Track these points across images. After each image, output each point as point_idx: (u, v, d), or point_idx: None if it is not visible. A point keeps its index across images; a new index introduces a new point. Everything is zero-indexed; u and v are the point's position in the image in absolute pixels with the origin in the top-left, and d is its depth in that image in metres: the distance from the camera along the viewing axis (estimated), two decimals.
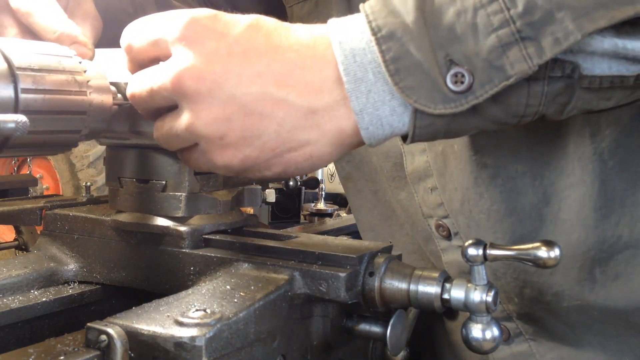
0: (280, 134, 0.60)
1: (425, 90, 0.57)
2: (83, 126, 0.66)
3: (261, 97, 0.59)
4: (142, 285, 0.75)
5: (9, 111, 0.56)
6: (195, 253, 0.72)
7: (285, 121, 0.59)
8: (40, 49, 0.62)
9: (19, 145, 0.60)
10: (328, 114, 0.60)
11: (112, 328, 0.55)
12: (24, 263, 0.75)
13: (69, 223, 0.79)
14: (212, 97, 0.59)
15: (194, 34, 0.60)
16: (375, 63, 0.58)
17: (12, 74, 0.56)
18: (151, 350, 0.55)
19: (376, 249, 0.70)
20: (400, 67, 0.57)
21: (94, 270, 0.77)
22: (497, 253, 0.63)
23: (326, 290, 0.65)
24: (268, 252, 0.71)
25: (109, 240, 0.77)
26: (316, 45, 0.60)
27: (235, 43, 0.60)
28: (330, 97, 0.60)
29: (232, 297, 0.62)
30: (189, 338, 0.54)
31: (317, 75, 0.60)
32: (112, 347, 0.55)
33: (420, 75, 0.56)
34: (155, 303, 0.61)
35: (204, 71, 0.59)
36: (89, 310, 0.77)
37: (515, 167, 0.79)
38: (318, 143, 0.61)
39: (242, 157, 0.61)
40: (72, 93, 0.63)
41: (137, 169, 0.76)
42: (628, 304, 0.76)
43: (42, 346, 0.56)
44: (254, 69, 0.59)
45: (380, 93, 0.58)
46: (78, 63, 0.66)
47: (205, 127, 0.60)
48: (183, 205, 0.74)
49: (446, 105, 0.57)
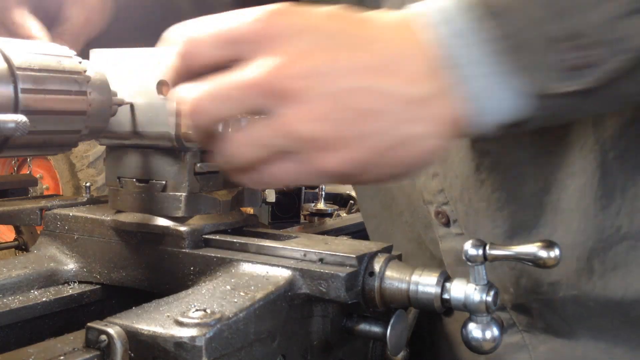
0: (388, 129, 0.54)
1: (546, 69, 0.52)
2: (83, 126, 0.66)
3: (362, 91, 0.54)
4: (142, 285, 0.75)
5: (8, 111, 0.56)
6: (195, 253, 0.72)
7: (391, 115, 0.54)
8: (40, 49, 0.62)
9: (19, 145, 0.60)
10: (436, 103, 0.54)
11: (112, 328, 0.55)
12: (24, 263, 0.75)
13: (69, 223, 0.79)
14: (309, 96, 0.54)
15: (278, 30, 0.55)
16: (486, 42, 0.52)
17: (12, 74, 0.56)
18: (151, 350, 0.55)
19: (376, 249, 0.70)
20: (515, 44, 0.52)
21: (94, 270, 0.77)
22: (497, 253, 0.63)
23: (326, 290, 0.65)
24: (268, 252, 0.71)
25: (109, 240, 0.77)
26: (411, 29, 0.55)
27: (324, 36, 0.55)
28: (436, 84, 0.54)
29: (232, 297, 0.62)
30: (188, 338, 0.54)
31: (418, 62, 0.54)
32: (112, 347, 0.55)
33: (539, 52, 0.51)
34: (155, 303, 0.61)
35: (298, 68, 0.54)
36: (89, 310, 0.77)
37: (518, 155, 0.78)
38: (428, 135, 0.55)
39: (349, 159, 0.55)
40: (72, 93, 0.63)
41: (137, 169, 0.76)
42: (626, 295, 0.76)
43: (41, 346, 0.56)
44: (349, 62, 0.54)
45: (493, 75, 0.53)
46: (78, 63, 0.66)
47: (307, 128, 0.54)
48: (183, 205, 0.74)
49: (570, 83, 0.51)
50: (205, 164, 0.76)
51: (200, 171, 0.75)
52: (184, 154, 0.74)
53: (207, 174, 0.76)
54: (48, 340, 0.57)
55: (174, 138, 0.72)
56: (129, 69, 0.74)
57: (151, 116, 0.73)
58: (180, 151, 0.74)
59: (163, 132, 0.72)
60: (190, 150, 0.74)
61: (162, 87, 0.72)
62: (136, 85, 0.73)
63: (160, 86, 0.72)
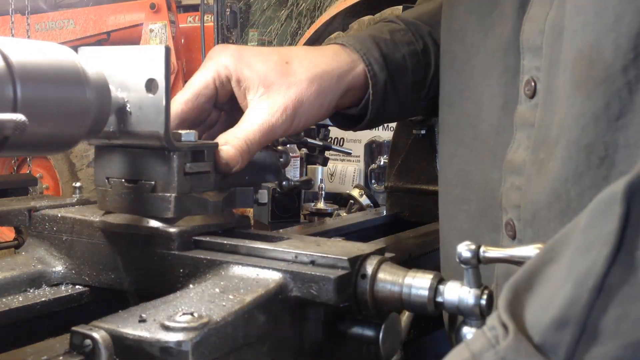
0: None
1: None
2: (83, 126, 0.65)
3: None
4: (131, 288, 0.74)
5: (8, 111, 0.55)
6: (185, 255, 0.71)
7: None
8: (40, 48, 0.62)
9: (19, 145, 0.59)
10: None
11: (97, 332, 0.54)
12: (11, 265, 0.74)
13: (57, 224, 0.78)
14: None
15: None
16: None
17: (11, 73, 0.56)
18: (137, 355, 0.54)
19: (369, 251, 0.68)
20: None
21: (82, 272, 0.76)
22: (491, 255, 0.61)
23: (317, 293, 0.64)
24: (258, 254, 0.70)
25: (98, 242, 0.76)
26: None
27: None
28: None
29: (220, 301, 0.60)
30: (175, 343, 0.53)
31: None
32: (97, 352, 0.54)
33: None
34: (142, 306, 0.60)
35: None
36: (87, 312, 0.76)
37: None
38: None
39: None
40: (71, 92, 0.62)
41: (126, 169, 0.74)
42: None
43: (21, 352, 0.55)
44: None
45: None
46: (78, 63, 0.65)
47: None
48: (172, 206, 0.72)
49: None
50: (195, 164, 0.74)
51: (190, 171, 0.74)
52: (174, 154, 0.72)
53: (197, 174, 0.75)
54: (31, 345, 0.56)
55: (163, 137, 0.70)
56: (118, 67, 0.72)
57: (140, 115, 0.71)
58: (169, 151, 0.72)
59: (152, 132, 0.71)
60: (179, 150, 0.72)
61: (152, 86, 0.71)
62: (125, 84, 0.72)
63: (149, 84, 0.71)
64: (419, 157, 1.42)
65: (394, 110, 1.03)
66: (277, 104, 0.85)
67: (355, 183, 3.74)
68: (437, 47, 1.04)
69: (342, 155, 3.83)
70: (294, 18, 8.88)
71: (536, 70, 0.78)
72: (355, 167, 3.96)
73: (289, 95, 0.86)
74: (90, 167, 5.74)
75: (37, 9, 6.10)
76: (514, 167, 0.82)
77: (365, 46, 0.97)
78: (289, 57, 0.90)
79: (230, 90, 0.88)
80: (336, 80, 0.92)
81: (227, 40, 5.84)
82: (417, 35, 1.04)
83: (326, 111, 0.93)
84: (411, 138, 1.42)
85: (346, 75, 0.94)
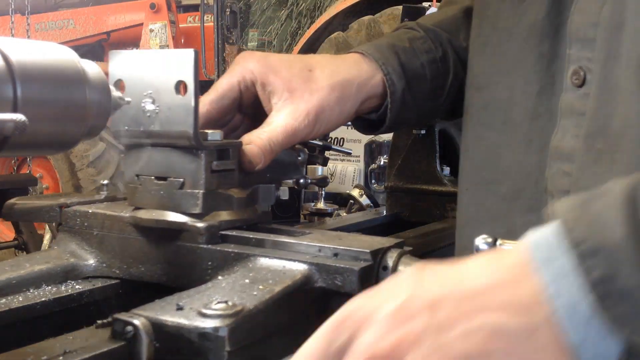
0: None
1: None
2: (83, 126, 0.65)
3: (476, 333, 0.52)
4: (160, 280, 0.77)
5: (7, 110, 0.56)
6: (213, 248, 0.74)
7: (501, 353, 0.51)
8: (40, 48, 0.62)
9: (19, 145, 0.59)
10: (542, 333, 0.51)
11: (137, 319, 0.57)
12: (45, 258, 0.77)
13: (89, 219, 0.81)
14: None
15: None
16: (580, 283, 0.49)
17: (11, 73, 0.56)
18: (176, 340, 0.57)
19: (389, 244, 0.72)
20: (609, 290, 0.48)
21: (113, 265, 0.79)
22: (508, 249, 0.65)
23: (341, 284, 0.67)
24: (284, 247, 0.73)
25: (128, 236, 0.79)
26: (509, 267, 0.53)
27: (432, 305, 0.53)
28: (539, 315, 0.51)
29: (251, 290, 0.64)
30: (212, 328, 0.57)
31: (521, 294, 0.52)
32: (138, 338, 0.57)
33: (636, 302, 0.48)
34: (177, 296, 0.63)
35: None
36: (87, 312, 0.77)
37: None
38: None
39: None
40: (72, 93, 0.62)
41: (156, 167, 0.78)
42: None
43: (61, 339, 0.57)
44: (467, 325, 0.52)
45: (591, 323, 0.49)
46: (78, 63, 0.66)
47: None
48: (200, 202, 0.76)
49: None
50: (221, 162, 0.78)
51: (217, 169, 0.77)
52: (202, 152, 0.76)
53: (223, 172, 0.78)
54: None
55: (192, 137, 0.74)
56: (148, 70, 0.76)
57: (170, 115, 0.75)
58: (197, 150, 0.76)
59: (181, 131, 0.74)
60: (207, 148, 0.76)
61: (181, 87, 0.74)
62: (155, 86, 0.75)
63: (178, 86, 0.74)
64: (419, 157, 1.43)
65: (412, 117, 1.06)
66: (300, 109, 0.89)
67: (355, 183, 3.76)
68: (456, 55, 1.07)
69: (342, 155, 3.85)
70: (294, 18, 8.92)
71: (587, 60, 0.79)
72: (355, 167, 3.98)
73: (311, 101, 0.90)
74: (90, 167, 5.75)
75: (37, 9, 6.10)
76: (562, 153, 0.83)
77: (384, 55, 1.00)
78: (312, 64, 0.94)
79: (254, 94, 0.91)
80: (356, 88, 0.95)
81: (227, 41, 5.86)
82: (436, 43, 1.06)
83: (346, 117, 0.97)
84: (411, 138, 1.43)
85: (366, 83, 0.97)
